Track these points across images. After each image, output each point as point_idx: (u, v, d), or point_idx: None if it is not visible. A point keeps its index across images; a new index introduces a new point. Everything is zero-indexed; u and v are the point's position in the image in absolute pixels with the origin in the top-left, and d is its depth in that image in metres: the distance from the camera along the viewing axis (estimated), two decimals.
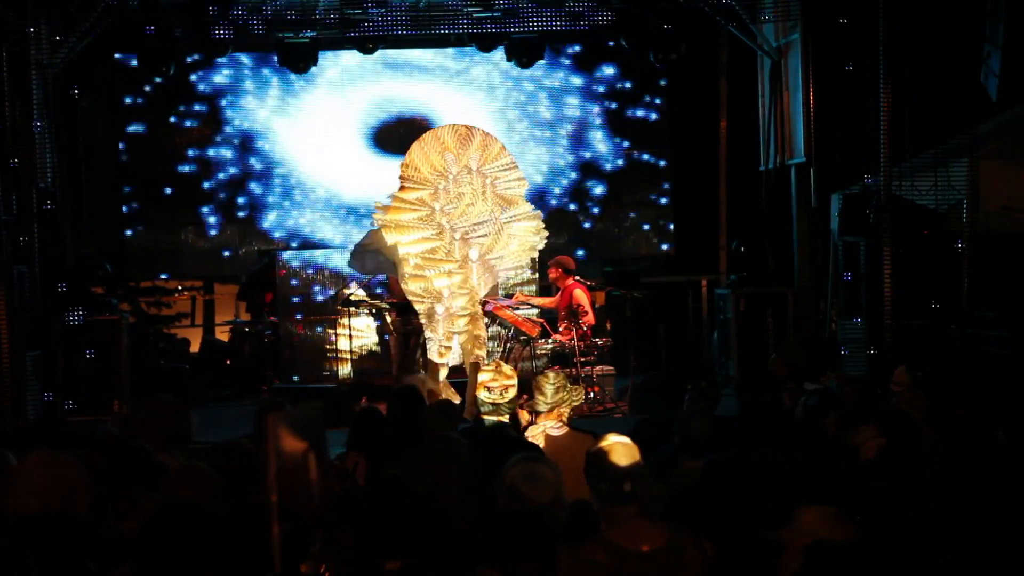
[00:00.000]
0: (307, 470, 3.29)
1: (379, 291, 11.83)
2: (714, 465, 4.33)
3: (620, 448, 4.04)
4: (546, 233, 10.66)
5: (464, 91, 14.43)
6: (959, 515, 3.97)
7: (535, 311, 11.46)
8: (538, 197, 14.39)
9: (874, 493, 4.33)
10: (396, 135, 14.14)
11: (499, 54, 13.52)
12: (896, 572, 3.44)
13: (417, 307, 10.37)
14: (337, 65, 14.26)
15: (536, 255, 11.06)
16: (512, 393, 7.13)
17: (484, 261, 10.39)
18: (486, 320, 10.82)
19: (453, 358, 10.48)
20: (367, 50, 13.03)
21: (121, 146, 14.17)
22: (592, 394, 10.43)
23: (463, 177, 10.24)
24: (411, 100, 14.37)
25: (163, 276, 14.59)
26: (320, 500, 3.35)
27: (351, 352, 12.09)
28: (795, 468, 4.68)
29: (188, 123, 14.27)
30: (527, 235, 10.52)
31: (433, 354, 10.40)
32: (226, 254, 14.34)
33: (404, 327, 11.35)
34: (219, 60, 13.77)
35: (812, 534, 3.55)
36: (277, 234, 14.26)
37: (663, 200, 14.73)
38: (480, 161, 10.29)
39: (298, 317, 12.91)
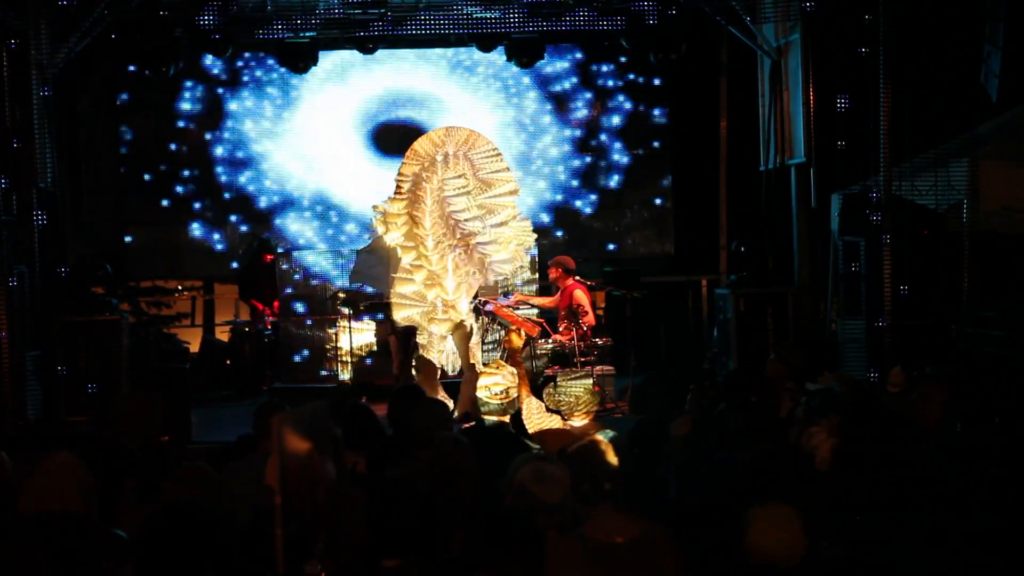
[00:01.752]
0: (312, 471, 3.28)
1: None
2: (716, 466, 4.33)
3: (604, 448, 4.08)
4: (534, 235, 10.78)
5: (464, 91, 14.42)
6: (967, 512, 3.98)
7: (535, 311, 11.45)
8: (538, 197, 14.42)
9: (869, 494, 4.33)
10: (396, 135, 14.13)
11: (499, 54, 13.53)
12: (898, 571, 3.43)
13: (403, 312, 10.40)
14: (337, 65, 14.25)
15: (529, 257, 11.09)
16: (514, 393, 7.12)
17: (473, 256, 10.37)
18: (486, 320, 10.81)
19: (446, 361, 10.51)
20: (367, 50, 13.03)
21: (121, 146, 14.18)
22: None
23: (444, 168, 10.26)
24: (411, 100, 14.36)
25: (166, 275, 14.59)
26: (325, 501, 3.34)
27: (351, 352, 12.08)
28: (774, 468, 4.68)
29: (188, 123, 14.27)
30: (523, 235, 10.58)
31: (432, 356, 10.44)
32: (226, 254, 14.33)
33: (403, 327, 11.34)
34: (219, 60, 13.76)
35: (766, 534, 3.57)
36: (276, 233, 14.26)
37: (663, 200, 14.73)
38: (463, 148, 10.35)
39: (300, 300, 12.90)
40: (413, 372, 10.58)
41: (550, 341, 10.94)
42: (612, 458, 4.11)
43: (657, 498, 4.84)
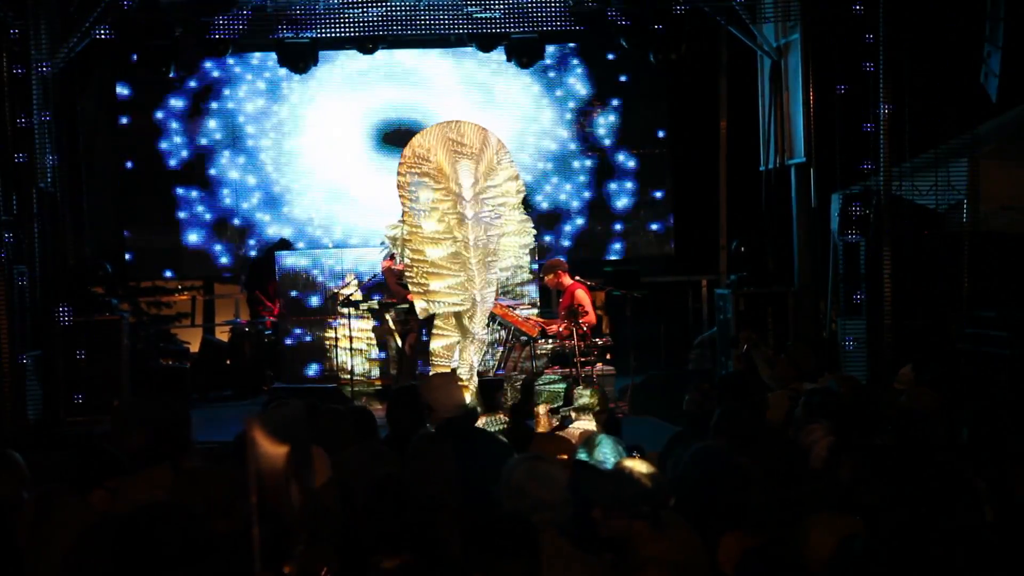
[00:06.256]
0: (288, 473, 3.28)
1: (376, 297, 11.86)
2: (698, 456, 4.34)
3: (649, 468, 4.08)
4: (534, 231, 10.31)
5: (464, 91, 14.42)
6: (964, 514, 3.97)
7: (535, 311, 11.46)
8: (538, 197, 14.43)
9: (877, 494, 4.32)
10: (396, 135, 14.14)
11: (499, 54, 13.53)
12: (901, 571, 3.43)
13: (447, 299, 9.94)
14: (337, 65, 14.26)
15: (528, 252, 10.58)
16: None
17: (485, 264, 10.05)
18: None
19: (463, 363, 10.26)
20: (367, 50, 13.02)
21: (121, 146, 14.17)
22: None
23: (471, 186, 9.90)
24: (411, 100, 14.36)
25: (166, 274, 14.55)
26: (301, 502, 3.34)
27: (350, 352, 12.08)
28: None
29: (188, 123, 14.26)
30: (520, 233, 10.22)
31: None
32: (226, 254, 14.33)
33: (403, 327, 11.36)
34: (219, 60, 13.76)
35: (826, 544, 3.57)
36: (276, 233, 14.25)
37: (663, 200, 14.73)
38: (488, 172, 9.98)
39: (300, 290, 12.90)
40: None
41: (550, 341, 10.95)
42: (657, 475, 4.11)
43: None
